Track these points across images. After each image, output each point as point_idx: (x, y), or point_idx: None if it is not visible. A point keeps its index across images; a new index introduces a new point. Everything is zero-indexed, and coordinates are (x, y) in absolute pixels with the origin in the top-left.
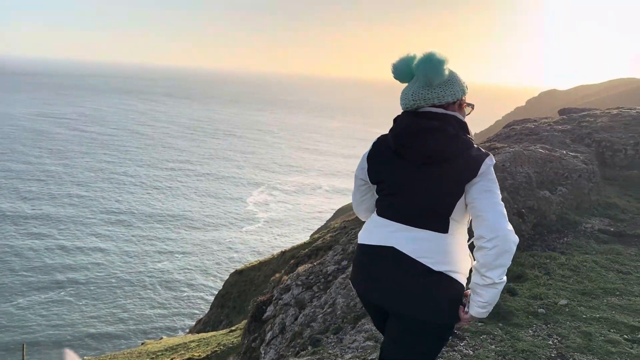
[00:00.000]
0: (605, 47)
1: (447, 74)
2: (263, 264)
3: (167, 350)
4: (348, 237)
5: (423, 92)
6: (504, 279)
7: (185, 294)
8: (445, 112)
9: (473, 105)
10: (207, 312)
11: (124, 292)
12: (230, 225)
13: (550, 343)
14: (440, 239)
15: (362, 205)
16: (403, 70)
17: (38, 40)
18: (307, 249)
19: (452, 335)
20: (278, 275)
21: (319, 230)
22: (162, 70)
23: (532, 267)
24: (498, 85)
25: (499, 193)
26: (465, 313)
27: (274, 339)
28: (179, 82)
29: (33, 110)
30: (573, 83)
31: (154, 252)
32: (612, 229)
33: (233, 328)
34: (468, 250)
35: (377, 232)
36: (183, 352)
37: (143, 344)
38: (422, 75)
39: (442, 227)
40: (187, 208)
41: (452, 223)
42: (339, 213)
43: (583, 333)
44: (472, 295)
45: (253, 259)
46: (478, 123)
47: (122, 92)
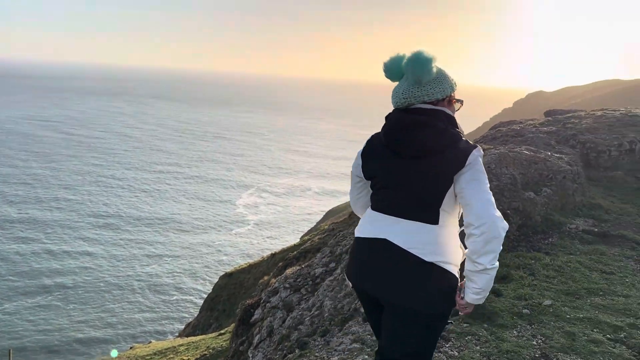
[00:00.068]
0: (593, 49)
1: (435, 72)
2: (253, 267)
3: (155, 354)
4: (336, 239)
5: (413, 90)
6: (496, 265)
7: (175, 298)
8: (434, 107)
9: (462, 101)
10: (196, 315)
11: (113, 296)
12: (220, 228)
13: (535, 343)
14: (431, 230)
15: (359, 202)
16: (393, 69)
17: (24, 42)
18: (295, 252)
19: (446, 326)
20: (266, 278)
21: (309, 232)
22: (149, 72)
23: (517, 267)
24: (485, 87)
25: (487, 182)
26: (461, 299)
27: (262, 342)
28: (168, 84)
29: (19, 113)
30: (560, 84)
31: (143, 255)
32: (596, 230)
33: (222, 331)
34: (459, 242)
35: (371, 225)
36: (172, 356)
37: (132, 348)
38: (411, 74)
39: (432, 218)
40: (175, 211)
41: (442, 214)
42: (329, 215)
43: (567, 333)
44: (466, 282)
45: (243, 262)
46: (465, 124)
47: (109, 94)
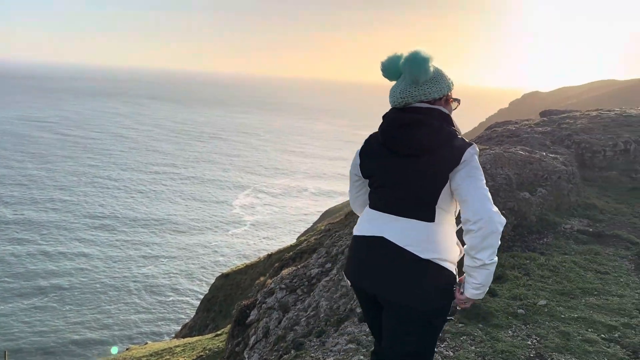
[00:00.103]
0: (592, 49)
1: (432, 71)
2: (249, 267)
3: (152, 356)
4: (332, 240)
5: (410, 89)
6: (495, 260)
7: (171, 299)
8: (430, 106)
9: (459, 100)
10: (192, 316)
11: (109, 297)
12: (216, 229)
13: (529, 343)
14: (427, 228)
15: (357, 201)
16: (391, 69)
17: (24, 43)
18: (291, 252)
19: (445, 323)
20: (263, 279)
21: (306, 233)
22: (149, 73)
23: (512, 268)
24: (482, 87)
25: (483, 179)
26: (461, 294)
27: (258, 343)
28: (164, 84)
29: (14, 114)
30: (556, 85)
31: (139, 256)
32: (591, 230)
33: (219, 332)
34: (457, 239)
35: (369, 223)
36: (168, 357)
37: (128, 350)
38: (408, 74)
39: (428, 216)
40: (172, 212)
41: (438, 212)
42: (326, 215)
43: (561, 333)
44: (466, 277)
45: (239, 262)
46: (462, 125)
47: (105, 94)
